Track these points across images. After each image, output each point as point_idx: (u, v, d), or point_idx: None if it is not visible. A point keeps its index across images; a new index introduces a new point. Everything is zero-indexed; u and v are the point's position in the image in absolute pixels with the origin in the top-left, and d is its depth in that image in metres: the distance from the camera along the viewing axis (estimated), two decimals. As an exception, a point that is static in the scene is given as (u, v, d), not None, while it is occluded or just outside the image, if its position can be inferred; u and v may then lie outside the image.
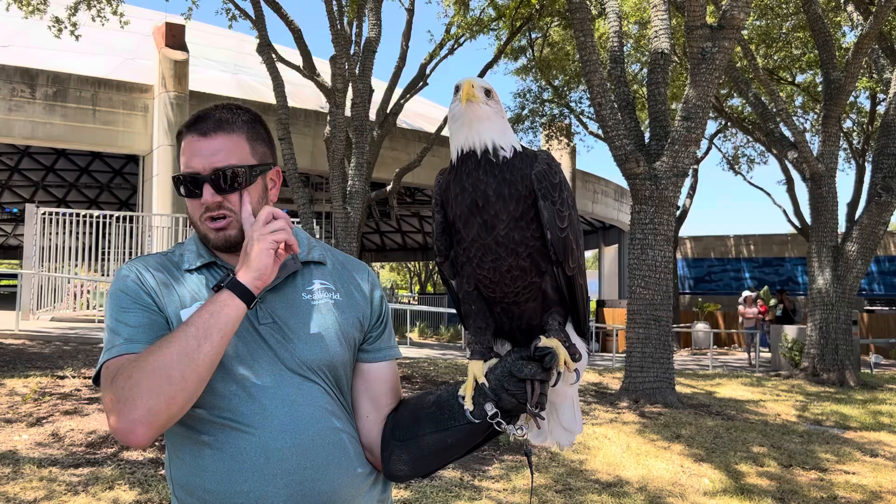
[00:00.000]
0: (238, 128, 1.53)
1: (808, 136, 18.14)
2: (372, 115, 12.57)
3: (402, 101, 14.18)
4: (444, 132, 15.68)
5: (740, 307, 18.00)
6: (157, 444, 5.53)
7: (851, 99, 17.02)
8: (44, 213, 13.86)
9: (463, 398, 1.41)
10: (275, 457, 1.41)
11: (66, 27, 13.16)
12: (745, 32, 14.55)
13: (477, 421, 1.39)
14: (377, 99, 13.18)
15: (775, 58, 18.13)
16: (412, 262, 48.30)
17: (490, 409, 1.37)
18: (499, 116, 1.41)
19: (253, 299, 1.38)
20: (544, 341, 1.35)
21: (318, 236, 15.64)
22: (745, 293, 18.17)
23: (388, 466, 1.53)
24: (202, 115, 1.53)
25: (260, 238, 1.40)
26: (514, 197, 1.37)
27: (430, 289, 47.12)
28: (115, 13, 13.17)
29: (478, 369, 1.41)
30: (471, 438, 1.45)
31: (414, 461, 1.50)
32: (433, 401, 1.49)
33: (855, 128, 19.96)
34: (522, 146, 1.44)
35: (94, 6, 13.11)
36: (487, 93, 1.41)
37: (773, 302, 23.49)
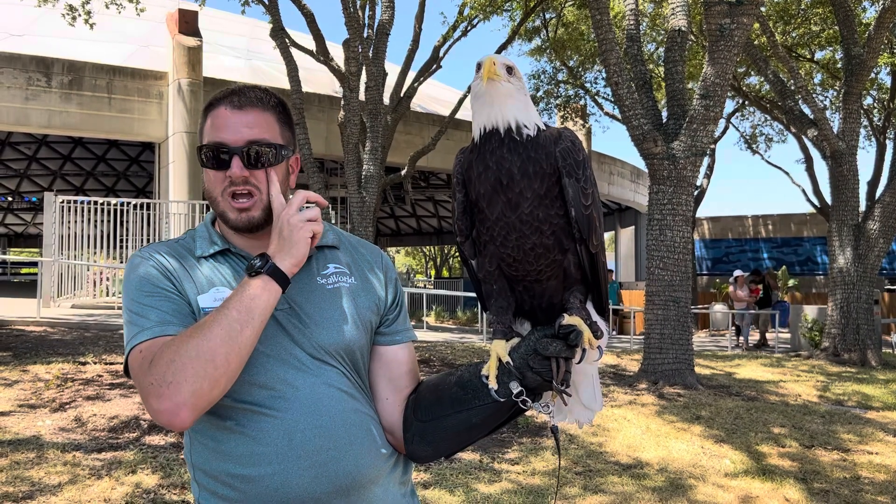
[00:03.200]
0: (271, 108, 1.53)
1: (827, 113, 17.86)
2: (386, 100, 12.52)
3: (415, 85, 14.10)
4: (459, 115, 15.62)
5: (730, 288, 17.07)
6: (178, 428, 5.58)
7: (872, 75, 16.71)
8: (62, 202, 13.95)
9: (487, 377, 1.40)
10: (298, 438, 1.41)
11: (80, 15, 13.17)
12: (763, 9, 14.31)
13: (502, 399, 1.39)
14: (391, 83, 13.12)
15: (794, 34, 17.83)
16: (427, 247, 48.32)
17: (515, 387, 1.37)
18: (521, 94, 1.40)
19: (287, 284, 1.39)
20: (568, 319, 1.35)
21: (333, 221, 15.67)
22: (737, 273, 17.08)
23: (411, 447, 1.53)
24: (236, 90, 1.51)
25: (301, 226, 1.41)
26: (539, 174, 1.36)
27: (445, 273, 47.16)
28: (130, 0, 13.16)
29: (501, 348, 1.40)
30: (495, 417, 1.46)
31: (437, 441, 1.50)
32: (455, 381, 1.49)
33: (876, 105, 19.63)
34: (545, 124, 1.41)
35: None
36: (509, 70, 1.39)
37: (791, 282, 23.26)
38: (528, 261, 1.39)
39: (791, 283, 23.23)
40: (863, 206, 12.88)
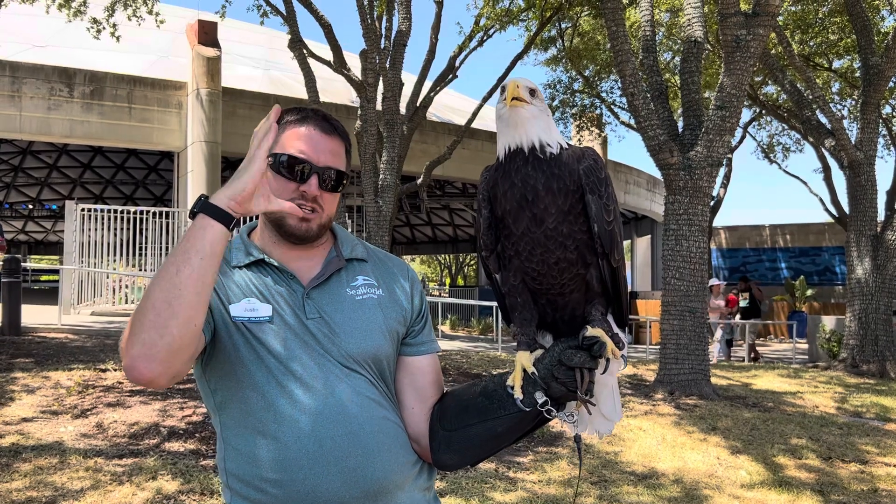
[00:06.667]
0: (345, 140, 1.63)
1: (845, 123, 17.73)
2: (402, 109, 12.60)
3: (431, 95, 14.17)
4: (474, 125, 15.67)
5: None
6: (197, 435, 5.65)
7: (891, 84, 16.59)
8: (83, 210, 14.15)
9: (512, 388, 1.45)
10: (328, 444, 1.46)
11: (104, 28, 13.37)
12: (780, 18, 14.27)
13: (527, 409, 1.44)
14: (407, 92, 13.19)
15: (811, 44, 17.75)
16: (442, 255, 48.37)
17: (540, 397, 1.42)
18: (544, 115, 1.46)
19: (230, 220, 1.37)
20: (591, 331, 1.40)
21: (349, 230, 15.73)
22: (712, 281, 15.29)
23: (437, 456, 1.57)
24: (324, 115, 1.61)
25: (251, 161, 1.40)
26: (563, 191, 1.41)
27: (460, 282, 47.16)
28: (150, 13, 13.34)
29: (525, 359, 1.45)
30: (520, 426, 1.50)
31: (463, 450, 1.55)
32: (480, 391, 1.54)
33: (894, 114, 19.49)
34: (568, 143, 1.47)
35: (130, 6, 13.30)
36: (532, 92, 1.46)
37: (809, 292, 23.01)
38: (553, 274, 1.45)
39: (809, 293, 23.06)
40: (881, 216, 12.79)
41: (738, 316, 15.57)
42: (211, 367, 1.54)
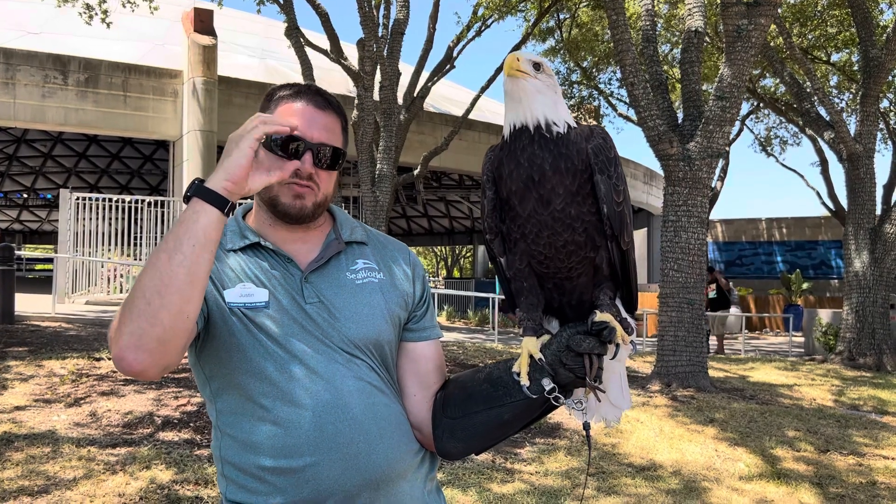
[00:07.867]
0: (341, 116, 1.58)
1: (843, 116, 17.70)
2: (399, 99, 12.53)
3: (429, 85, 14.10)
4: (472, 116, 15.60)
5: None
6: (192, 424, 5.60)
7: (889, 78, 16.55)
8: (77, 199, 14.07)
9: (518, 374, 1.40)
10: (329, 430, 1.41)
11: (96, 14, 13.24)
12: (779, 10, 14.21)
13: (534, 396, 1.39)
14: (404, 82, 13.12)
15: (810, 37, 17.71)
16: (438, 247, 48.33)
17: (548, 384, 1.37)
18: (551, 90, 1.39)
19: (226, 204, 1.31)
20: (600, 316, 1.35)
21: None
22: None
23: (440, 444, 1.52)
24: (317, 90, 1.55)
25: (240, 139, 1.35)
26: (571, 171, 1.36)
27: (456, 273, 47.13)
28: (146, -1, 13.21)
29: (532, 345, 1.40)
30: (526, 414, 1.46)
31: (468, 438, 1.50)
32: (484, 378, 1.49)
33: (892, 108, 19.47)
34: (576, 121, 1.41)
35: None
36: (537, 66, 1.39)
37: (805, 285, 23.04)
38: (560, 258, 1.39)
39: (804, 286, 23.10)
40: (878, 210, 12.79)
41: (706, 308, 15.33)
42: (206, 355, 1.48)
